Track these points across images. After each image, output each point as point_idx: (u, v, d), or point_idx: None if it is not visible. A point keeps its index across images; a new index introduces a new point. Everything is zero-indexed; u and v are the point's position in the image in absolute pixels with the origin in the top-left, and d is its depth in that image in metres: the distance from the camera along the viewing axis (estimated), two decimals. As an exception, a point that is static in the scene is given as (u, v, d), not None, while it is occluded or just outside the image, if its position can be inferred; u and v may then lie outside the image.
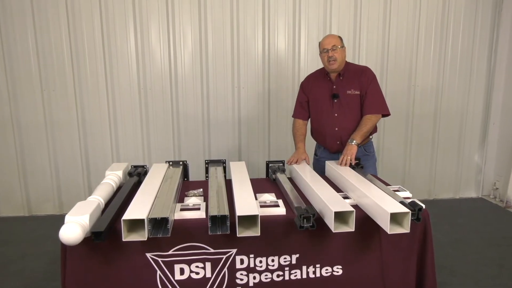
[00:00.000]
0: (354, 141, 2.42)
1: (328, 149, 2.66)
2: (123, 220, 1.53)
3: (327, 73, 2.58)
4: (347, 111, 2.53)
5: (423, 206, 1.70)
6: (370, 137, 2.64)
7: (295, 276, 1.78)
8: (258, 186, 2.12)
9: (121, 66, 3.78)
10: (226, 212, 1.63)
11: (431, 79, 4.15)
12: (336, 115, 2.55)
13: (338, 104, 2.54)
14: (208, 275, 1.73)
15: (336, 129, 2.55)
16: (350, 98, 2.52)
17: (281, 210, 1.78)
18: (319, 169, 2.58)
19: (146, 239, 1.54)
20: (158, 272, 1.70)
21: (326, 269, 1.80)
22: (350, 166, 2.35)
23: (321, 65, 2.65)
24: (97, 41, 3.71)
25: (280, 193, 2.07)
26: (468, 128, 4.33)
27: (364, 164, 2.42)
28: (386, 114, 2.55)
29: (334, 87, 2.55)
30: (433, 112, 4.22)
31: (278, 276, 1.77)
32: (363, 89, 2.50)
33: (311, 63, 3.92)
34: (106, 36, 3.72)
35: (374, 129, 2.63)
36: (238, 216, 1.58)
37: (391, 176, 4.16)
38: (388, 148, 4.22)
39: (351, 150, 2.40)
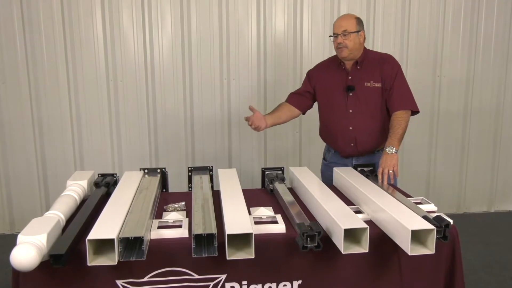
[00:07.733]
0: (394, 148, 2.34)
1: (339, 152, 2.68)
2: (88, 240, 1.53)
3: (341, 61, 2.59)
4: (364, 107, 2.54)
5: (451, 221, 1.71)
6: None
7: (297, 307, 1.78)
8: (252, 199, 2.13)
9: (86, 53, 3.78)
10: (213, 230, 1.63)
11: (460, 68, 4.19)
12: (350, 111, 2.56)
13: (354, 98, 2.55)
14: (192, 306, 1.72)
15: (350, 128, 2.56)
16: (368, 91, 2.52)
17: (280, 228, 1.79)
18: (329, 176, 2.59)
19: (116, 263, 1.54)
20: (131, 303, 1.70)
21: (335, 299, 1.81)
22: (363, 173, 2.36)
23: (330, 53, 2.67)
24: (56, 22, 3.70)
25: (279, 207, 2.07)
26: (504, 128, 4.37)
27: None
28: (415, 111, 2.55)
29: (350, 77, 2.56)
30: (462, 108, 4.26)
31: (276, 307, 1.77)
32: (386, 81, 2.50)
33: (315, 49, 3.94)
34: (67, 16, 3.71)
35: None
36: (228, 235, 1.58)
37: (412, 185, 4.17)
38: (409, 152, 4.24)
39: (392, 160, 2.30)
